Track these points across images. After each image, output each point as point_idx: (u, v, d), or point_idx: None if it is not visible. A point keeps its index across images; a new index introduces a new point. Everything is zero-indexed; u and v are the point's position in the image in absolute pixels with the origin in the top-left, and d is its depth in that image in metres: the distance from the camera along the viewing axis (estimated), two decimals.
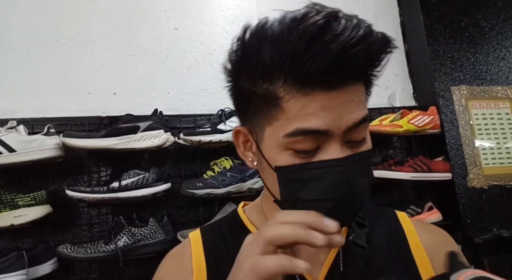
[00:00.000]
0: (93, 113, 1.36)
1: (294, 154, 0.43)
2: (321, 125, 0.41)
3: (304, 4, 0.45)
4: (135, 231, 1.14)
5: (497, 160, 1.57)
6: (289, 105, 0.42)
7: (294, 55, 0.39)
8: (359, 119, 0.43)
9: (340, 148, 0.43)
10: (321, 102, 0.41)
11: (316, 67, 0.39)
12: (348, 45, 0.38)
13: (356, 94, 0.43)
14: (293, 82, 0.41)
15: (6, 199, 1.08)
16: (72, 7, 1.43)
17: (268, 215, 0.55)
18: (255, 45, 0.42)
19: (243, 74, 0.45)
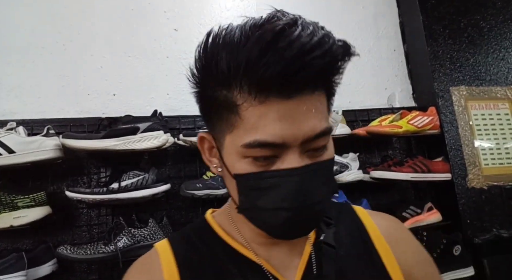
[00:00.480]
0: (92, 114, 1.36)
1: (253, 162, 0.43)
2: (277, 139, 0.41)
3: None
4: (135, 232, 1.14)
5: (496, 160, 1.57)
6: (247, 113, 0.42)
7: (248, 62, 0.39)
8: (317, 133, 0.43)
9: (298, 157, 0.43)
10: (278, 111, 0.41)
11: (270, 74, 0.38)
12: (302, 51, 0.38)
13: (314, 104, 0.43)
14: (249, 90, 0.41)
15: (6, 200, 1.08)
16: (72, 8, 1.43)
17: (237, 221, 0.54)
18: (214, 52, 0.42)
19: (205, 81, 0.46)
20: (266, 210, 0.44)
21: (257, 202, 0.44)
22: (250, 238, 0.53)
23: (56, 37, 1.39)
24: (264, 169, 0.44)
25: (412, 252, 0.59)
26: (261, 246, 0.53)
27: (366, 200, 1.38)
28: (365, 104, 1.66)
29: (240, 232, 0.54)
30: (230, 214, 0.56)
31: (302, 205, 0.43)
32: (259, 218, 0.46)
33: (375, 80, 1.72)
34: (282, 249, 0.53)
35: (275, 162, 0.43)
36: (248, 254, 0.52)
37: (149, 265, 0.53)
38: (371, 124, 1.50)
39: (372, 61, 1.73)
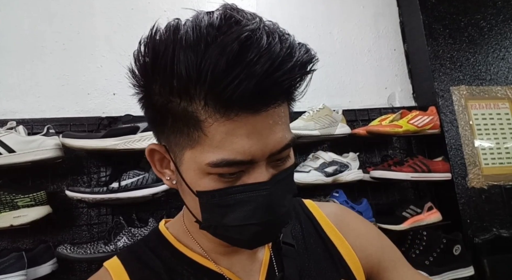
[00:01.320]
0: (92, 113, 1.36)
1: (218, 178, 0.41)
2: (246, 156, 0.39)
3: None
4: (135, 232, 1.14)
5: (496, 160, 1.57)
6: (212, 130, 0.38)
7: (214, 75, 0.35)
8: (283, 146, 0.42)
9: (265, 170, 0.41)
10: (246, 127, 0.38)
11: (240, 92, 0.35)
12: (274, 66, 0.36)
13: (280, 115, 0.41)
14: (215, 105, 0.37)
15: (6, 199, 1.08)
16: (72, 8, 1.43)
17: (194, 232, 0.52)
18: (167, 52, 0.37)
19: (156, 86, 0.40)
20: (234, 226, 0.42)
21: (223, 219, 0.42)
22: (209, 248, 0.51)
23: (56, 36, 1.39)
24: (229, 184, 0.41)
25: (362, 233, 0.61)
26: (221, 255, 0.51)
27: (366, 199, 1.38)
28: (365, 104, 1.66)
29: (198, 243, 0.52)
30: (185, 225, 0.53)
31: (272, 218, 0.42)
32: (225, 234, 0.44)
33: (375, 80, 1.72)
34: (242, 255, 0.52)
35: (241, 176, 0.41)
36: (208, 264, 0.50)
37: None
38: (371, 124, 1.50)
39: (372, 61, 1.73)
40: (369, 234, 0.62)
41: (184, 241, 0.52)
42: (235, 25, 0.37)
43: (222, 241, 0.46)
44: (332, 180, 1.34)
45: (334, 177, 1.35)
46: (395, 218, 1.37)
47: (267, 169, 0.42)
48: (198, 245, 0.51)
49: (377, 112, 1.61)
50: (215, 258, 0.51)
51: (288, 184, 0.46)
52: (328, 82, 1.63)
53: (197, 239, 0.52)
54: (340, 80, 1.66)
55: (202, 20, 0.39)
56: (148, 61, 0.40)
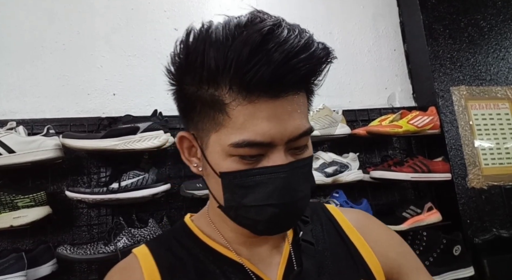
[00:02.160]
0: (92, 114, 1.36)
1: (239, 160, 0.44)
2: (266, 138, 0.42)
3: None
4: (135, 232, 1.14)
5: (496, 160, 1.57)
6: (236, 112, 0.42)
7: (238, 63, 0.40)
8: (301, 133, 0.45)
9: (283, 155, 0.44)
10: (266, 111, 0.42)
11: (260, 76, 0.40)
12: (290, 54, 0.40)
13: (298, 104, 0.45)
14: (239, 89, 0.42)
15: (6, 200, 1.08)
16: (71, 8, 1.43)
17: (217, 223, 0.55)
18: (199, 49, 0.42)
19: (187, 78, 0.46)
20: (253, 207, 0.45)
21: (243, 199, 0.45)
22: (231, 239, 0.54)
23: (56, 37, 1.39)
24: (250, 167, 0.44)
25: (383, 238, 0.62)
26: (242, 246, 0.54)
27: (366, 200, 1.38)
28: (365, 104, 1.66)
29: (221, 233, 0.54)
30: (209, 217, 0.56)
31: (289, 201, 0.45)
32: (244, 215, 0.46)
33: (375, 80, 1.72)
34: (263, 248, 0.54)
35: (261, 160, 0.45)
36: (229, 254, 0.52)
37: (129, 270, 0.52)
38: (371, 124, 1.50)
39: (372, 61, 1.73)
40: (391, 240, 0.63)
41: (207, 232, 0.55)
42: (259, 22, 0.42)
43: (242, 226, 0.48)
44: (332, 180, 1.34)
45: (334, 177, 1.35)
46: (395, 218, 1.37)
47: (286, 155, 0.45)
48: (221, 236, 0.54)
49: (377, 112, 1.61)
50: (236, 248, 0.53)
51: (306, 173, 0.48)
52: (328, 83, 1.62)
53: (220, 230, 0.54)
54: (340, 80, 1.66)
55: (231, 21, 0.44)
56: (182, 57, 0.46)
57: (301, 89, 0.46)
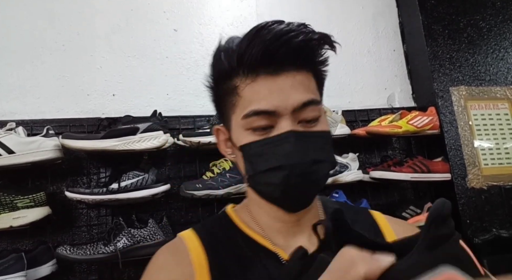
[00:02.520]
0: (92, 114, 1.36)
1: (253, 133, 0.50)
2: (269, 107, 0.48)
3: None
4: (135, 232, 1.14)
5: (496, 160, 1.57)
6: (245, 92, 0.50)
7: (240, 52, 0.49)
8: (304, 101, 0.49)
9: (290, 124, 0.49)
10: (269, 86, 0.49)
11: (255, 54, 0.48)
12: (280, 33, 0.47)
13: (300, 80, 0.50)
14: (244, 72, 0.50)
15: (5, 200, 1.08)
16: (71, 9, 1.43)
17: (254, 212, 0.58)
18: (216, 56, 0.53)
19: (215, 82, 0.55)
20: (266, 171, 0.49)
21: (257, 167, 0.50)
22: (267, 226, 0.56)
23: (56, 37, 1.39)
24: (263, 137, 0.50)
25: None
26: (278, 235, 0.56)
27: (366, 200, 1.38)
28: (364, 105, 1.66)
29: (258, 223, 0.57)
30: (248, 207, 0.60)
31: (297, 162, 0.48)
32: (261, 181, 0.51)
33: (374, 81, 1.72)
34: (299, 239, 0.56)
35: (271, 131, 0.50)
36: (265, 243, 0.55)
37: (177, 247, 0.57)
38: (370, 125, 1.50)
39: (371, 61, 1.73)
40: None
41: (245, 221, 0.59)
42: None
43: (263, 197, 0.53)
44: (331, 181, 1.34)
45: (334, 178, 1.35)
46: None
47: (294, 126, 0.49)
48: (258, 226, 0.57)
49: (377, 112, 1.61)
50: (273, 237, 0.56)
51: (318, 144, 0.51)
52: (327, 83, 1.62)
53: (256, 218, 0.58)
54: (340, 80, 1.66)
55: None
56: (211, 66, 0.55)
57: (301, 68, 0.50)
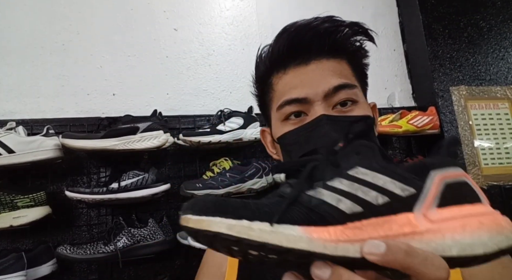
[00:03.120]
0: (92, 114, 1.36)
1: (287, 122, 0.51)
2: (300, 94, 0.48)
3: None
4: (135, 232, 1.14)
5: (496, 160, 1.57)
6: (277, 85, 0.52)
7: (271, 51, 0.51)
8: (335, 85, 0.48)
9: (323, 109, 0.48)
10: (300, 77, 0.49)
11: (282, 46, 0.49)
12: (304, 24, 0.49)
13: (332, 66, 0.50)
14: (275, 67, 0.51)
15: (6, 200, 1.08)
16: (71, 8, 1.43)
17: None
18: (257, 63, 0.55)
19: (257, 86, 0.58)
20: (301, 157, 0.47)
21: (294, 154, 0.49)
22: None
23: (56, 37, 1.39)
24: (297, 126, 0.50)
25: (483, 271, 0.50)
26: None
27: None
28: None
29: None
30: None
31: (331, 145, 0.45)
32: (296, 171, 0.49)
33: (374, 80, 1.71)
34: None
35: (305, 119, 0.49)
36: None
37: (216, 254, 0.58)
38: None
39: (371, 61, 1.71)
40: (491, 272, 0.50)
41: None
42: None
43: None
44: None
45: None
46: None
47: (327, 110, 0.48)
48: None
49: None
50: None
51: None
52: None
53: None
54: None
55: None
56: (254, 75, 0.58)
57: (333, 55, 0.50)
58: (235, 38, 1.58)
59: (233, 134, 1.23)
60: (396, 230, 0.26)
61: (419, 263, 0.24)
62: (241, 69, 1.56)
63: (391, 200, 0.27)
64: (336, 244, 0.25)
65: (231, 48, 1.57)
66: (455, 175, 0.28)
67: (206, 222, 0.27)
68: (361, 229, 0.26)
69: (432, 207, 0.26)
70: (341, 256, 0.25)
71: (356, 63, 0.55)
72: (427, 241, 0.25)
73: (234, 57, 1.56)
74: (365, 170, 0.28)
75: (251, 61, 0.56)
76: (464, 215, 0.26)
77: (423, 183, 0.27)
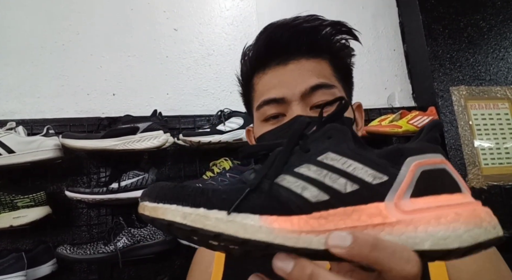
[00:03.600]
0: (92, 114, 1.36)
1: (267, 123, 0.51)
2: (277, 94, 0.48)
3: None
4: (135, 232, 1.14)
5: (496, 160, 1.57)
6: (258, 85, 0.52)
7: (251, 51, 0.52)
8: (312, 85, 0.48)
9: (300, 110, 0.47)
10: (278, 77, 0.49)
11: (260, 46, 0.50)
12: (282, 23, 0.49)
13: (311, 66, 0.49)
14: (255, 68, 0.52)
15: (5, 200, 1.08)
16: (71, 8, 1.43)
17: None
18: (240, 66, 0.57)
19: (242, 87, 0.58)
20: None
21: None
22: None
23: (56, 37, 1.39)
24: (275, 126, 0.50)
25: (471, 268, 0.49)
26: None
27: None
28: (364, 104, 1.64)
29: None
30: None
31: None
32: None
33: (374, 80, 1.72)
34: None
35: (283, 120, 0.49)
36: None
37: (204, 252, 0.60)
38: (370, 124, 1.50)
39: (371, 61, 1.73)
40: (480, 271, 0.49)
41: None
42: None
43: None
44: None
45: None
46: None
47: (305, 110, 0.48)
48: None
49: (377, 112, 1.61)
50: None
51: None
52: None
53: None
54: None
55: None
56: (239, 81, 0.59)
57: (313, 55, 0.50)
58: (235, 38, 1.58)
59: (233, 134, 1.23)
60: (364, 220, 0.24)
61: (387, 257, 0.22)
62: None
63: (360, 188, 0.25)
64: (298, 235, 0.24)
65: (231, 48, 1.57)
66: (433, 161, 0.26)
67: (161, 209, 0.26)
68: (327, 219, 0.24)
69: (406, 196, 0.24)
70: (303, 248, 0.24)
71: (339, 63, 0.53)
72: (397, 233, 0.23)
73: (234, 57, 1.56)
74: (335, 155, 0.26)
75: None
76: (440, 205, 0.24)
77: (398, 170, 0.25)
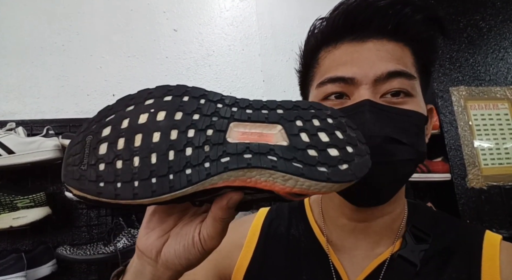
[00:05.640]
0: (92, 115, 1.32)
1: (326, 103, 0.42)
2: (347, 73, 0.41)
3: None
4: (135, 233, 1.14)
5: (496, 160, 1.57)
6: (324, 60, 0.45)
7: (325, 20, 0.45)
8: (390, 70, 0.41)
9: (369, 94, 0.40)
10: (352, 53, 0.42)
11: (337, 18, 0.43)
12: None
13: (390, 50, 0.42)
14: (328, 41, 0.45)
15: (5, 200, 1.08)
16: (71, 9, 1.43)
17: (324, 203, 0.54)
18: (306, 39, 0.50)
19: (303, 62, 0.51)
20: None
21: None
22: (331, 221, 0.52)
23: (56, 37, 1.39)
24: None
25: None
26: (340, 233, 0.50)
27: None
28: None
29: (323, 215, 0.53)
30: (320, 199, 0.56)
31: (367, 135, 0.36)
32: None
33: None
34: (359, 245, 0.49)
35: (346, 102, 0.42)
36: (321, 240, 0.51)
37: (242, 225, 0.58)
38: None
39: None
40: None
41: (314, 210, 0.56)
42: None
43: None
44: None
45: None
46: None
47: (374, 96, 0.41)
48: (322, 218, 0.53)
49: None
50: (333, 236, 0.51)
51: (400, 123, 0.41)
52: None
53: (324, 210, 0.54)
54: None
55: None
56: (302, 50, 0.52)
57: (395, 38, 0.43)
58: (235, 38, 1.58)
59: None
60: None
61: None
62: (241, 69, 1.56)
63: None
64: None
65: (231, 48, 1.57)
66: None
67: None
68: None
69: None
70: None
71: (421, 53, 0.45)
72: None
73: (234, 58, 1.56)
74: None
75: (251, 62, 0.54)
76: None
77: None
